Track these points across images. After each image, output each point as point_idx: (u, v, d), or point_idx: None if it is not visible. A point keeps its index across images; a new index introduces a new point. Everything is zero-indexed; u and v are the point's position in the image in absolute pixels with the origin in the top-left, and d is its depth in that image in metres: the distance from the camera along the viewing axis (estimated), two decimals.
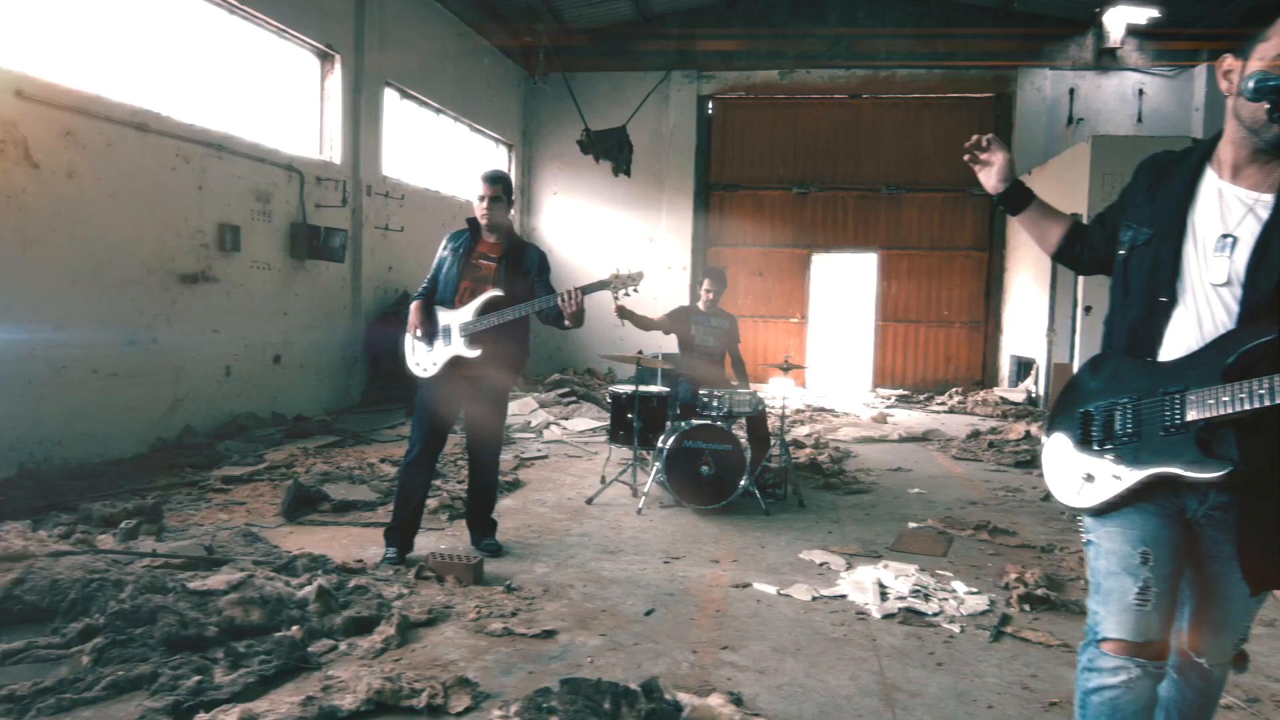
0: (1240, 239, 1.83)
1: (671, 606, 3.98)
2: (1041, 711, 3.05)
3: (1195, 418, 1.81)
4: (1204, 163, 1.95)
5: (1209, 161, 1.94)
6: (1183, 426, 1.83)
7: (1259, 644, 3.73)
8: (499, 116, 13.93)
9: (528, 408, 9.47)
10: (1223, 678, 2.14)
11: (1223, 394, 1.77)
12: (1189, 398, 1.82)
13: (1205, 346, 1.84)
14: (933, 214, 14.30)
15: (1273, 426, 1.77)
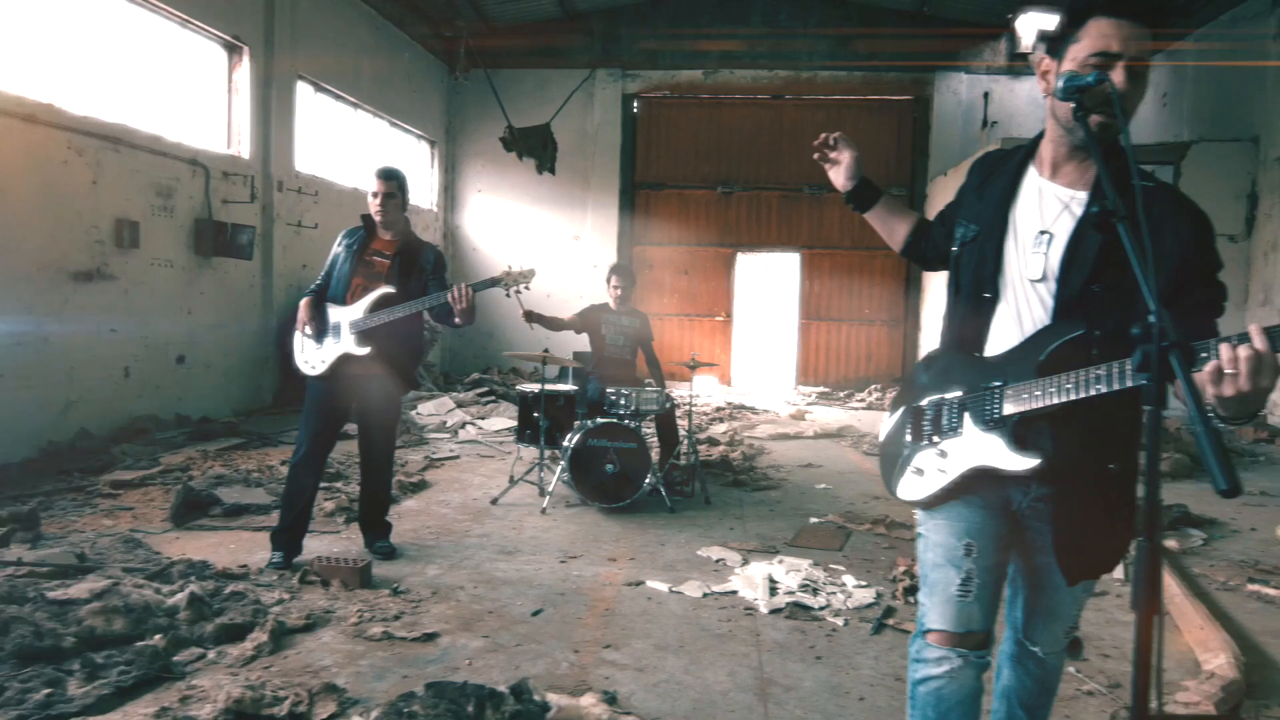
0: (1056, 235, 1.87)
1: (561, 606, 3.95)
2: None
3: (1011, 411, 1.84)
4: (1027, 161, 1.99)
5: (1032, 160, 1.98)
6: (1000, 420, 1.86)
7: (1128, 630, 3.85)
8: (421, 112, 13.73)
9: (444, 407, 9.35)
10: (1058, 665, 2.19)
11: (1035, 388, 1.81)
12: (1006, 392, 1.86)
13: (1024, 342, 1.88)
14: (854, 214, 14.26)
15: (1085, 419, 1.81)
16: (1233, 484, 1.33)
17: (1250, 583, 4.42)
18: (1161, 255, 1.78)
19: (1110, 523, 1.91)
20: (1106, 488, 1.89)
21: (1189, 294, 1.76)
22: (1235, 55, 11.05)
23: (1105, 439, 1.86)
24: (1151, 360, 1.41)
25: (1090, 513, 1.87)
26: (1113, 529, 1.92)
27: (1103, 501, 1.88)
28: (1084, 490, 1.86)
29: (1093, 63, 1.78)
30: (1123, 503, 1.93)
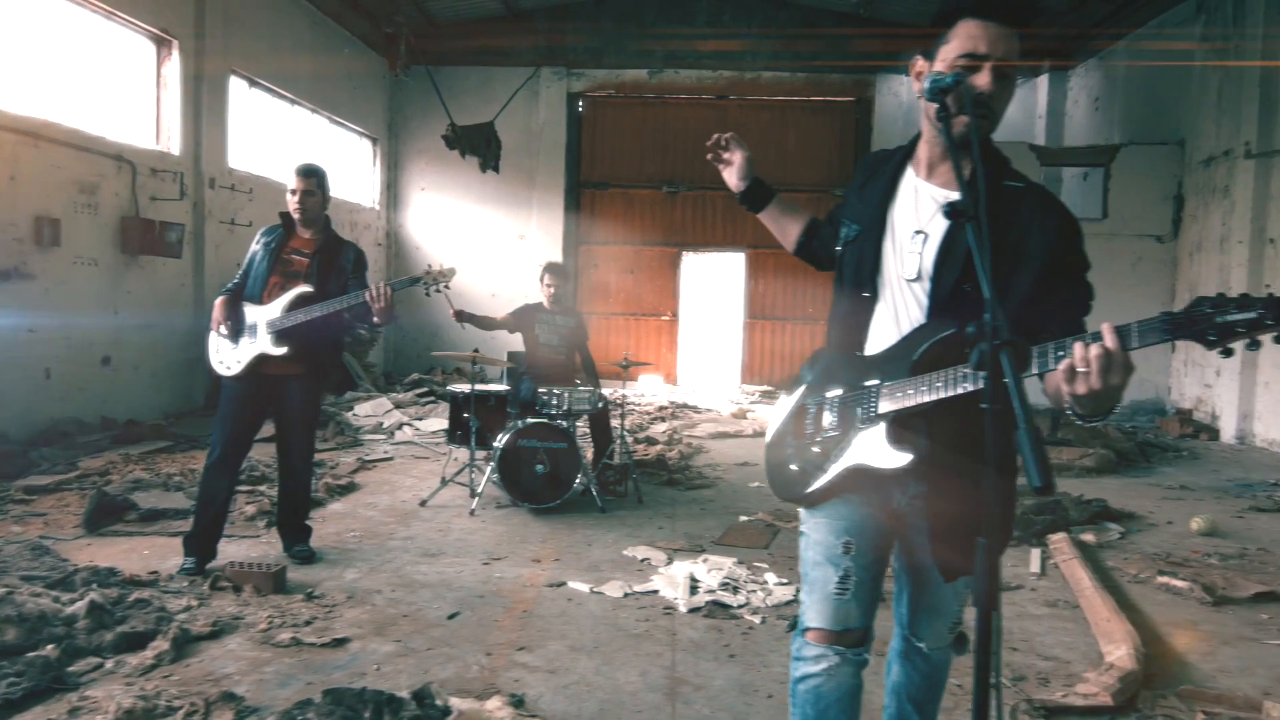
0: (930, 235, 1.89)
1: (479, 609, 3.91)
2: None
3: (886, 410, 1.86)
4: (905, 162, 2.01)
5: (910, 160, 2.00)
6: (876, 419, 1.88)
7: (1038, 624, 3.92)
8: (361, 109, 13.54)
9: (382, 408, 9.23)
10: (945, 660, 2.22)
11: (909, 387, 1.82)
12: (882, 391, 1.87)
13: (900, 341, 1.90)
14: None
15: (960, 417, 1.83)
16: (1046, 482, 1.35)
17: (1160, 575, 4.53)
18: (1028, 255, 1.81)
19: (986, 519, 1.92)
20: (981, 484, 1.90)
21: (1055, 294, 1.79)
22: (1163, 61, 11.35)
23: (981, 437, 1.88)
24: (986, 359, 1.42)
25: (966, 510, 1.89)
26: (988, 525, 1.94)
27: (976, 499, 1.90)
28: (959, 488, 1.88)
29: (960, 63, 1.80)
30: (1000, 499, 1.95)
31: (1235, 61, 9.53)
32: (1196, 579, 4.42)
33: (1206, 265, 10.15)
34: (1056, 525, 5.33)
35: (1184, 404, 10.47)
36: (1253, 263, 9.26)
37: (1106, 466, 7.55)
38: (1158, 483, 7.21)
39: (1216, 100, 10.01)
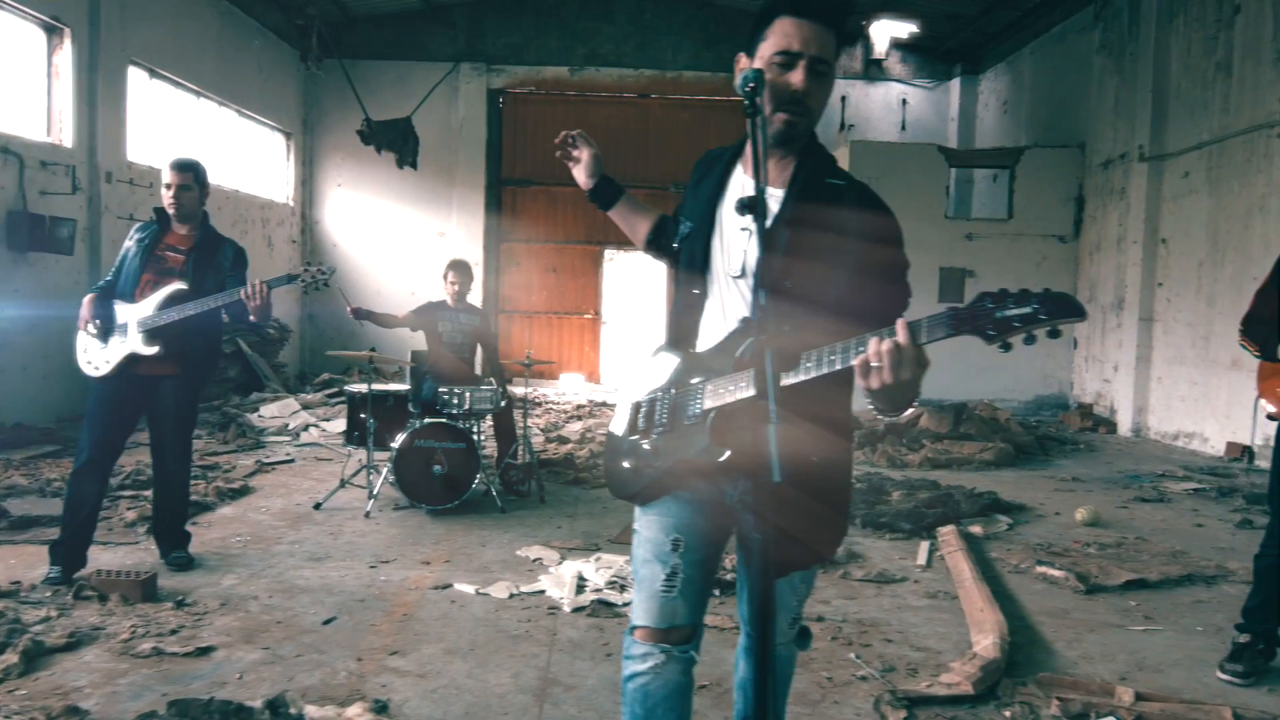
0: (754, 232, 1.89)
1: (357, 613, 3.83)
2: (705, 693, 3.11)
3: (710, 406, 1.86)
4: (735, 159, 2.01)
5: (740, 158, 2.00)
6: (701, 415, 1.87)
7: (916, 615, 4.00)
8: (274, 103, 13.20)
9: (289, 409, 9.01)
10: (789, 656, 2.22)
11: (730, 383, 1.82)
12: (706, 388, 1.87)
13: (725, 337, 1.90)
14: None
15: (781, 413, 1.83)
16: None
17: (1039, 565, 4.66)
18: (845, 252, 1.82)
19: (815, 516, 1.94)
20: (810, 481, 1.91)
21: (871, 292, 1.80)
22: (1064, 66, 11.72)
23: (807, 432, 1.89)
24: (755, 354, 1.42)
25: (793, 506, 1.90)
26: (818, 522, 1.95)
27: (806, 495, 1.91)
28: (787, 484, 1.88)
29: (777, 60, 1.81)
30: (830, 496, 1.97)
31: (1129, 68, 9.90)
32: (1073, 568, 4.56)
33: (1105, 264, 10.51)
34: (947, 518, 5.45)
35: (1085, 399, 10.82)
36: (1146, 262, 9.62)
37: (1005, 460, 7.76)
38: (1052, 475, 7.43)
39: (1113, 105, 10.37)
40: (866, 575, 4.49)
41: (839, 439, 1.98)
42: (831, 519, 2.00)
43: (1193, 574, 4.59)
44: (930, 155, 10.99)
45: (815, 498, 1.94)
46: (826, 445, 1.93)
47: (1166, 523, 5.85)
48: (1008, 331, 1.43)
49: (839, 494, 2.02)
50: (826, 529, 1.99)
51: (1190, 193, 9.08)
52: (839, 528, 2.03)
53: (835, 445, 1.96)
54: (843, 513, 2.04)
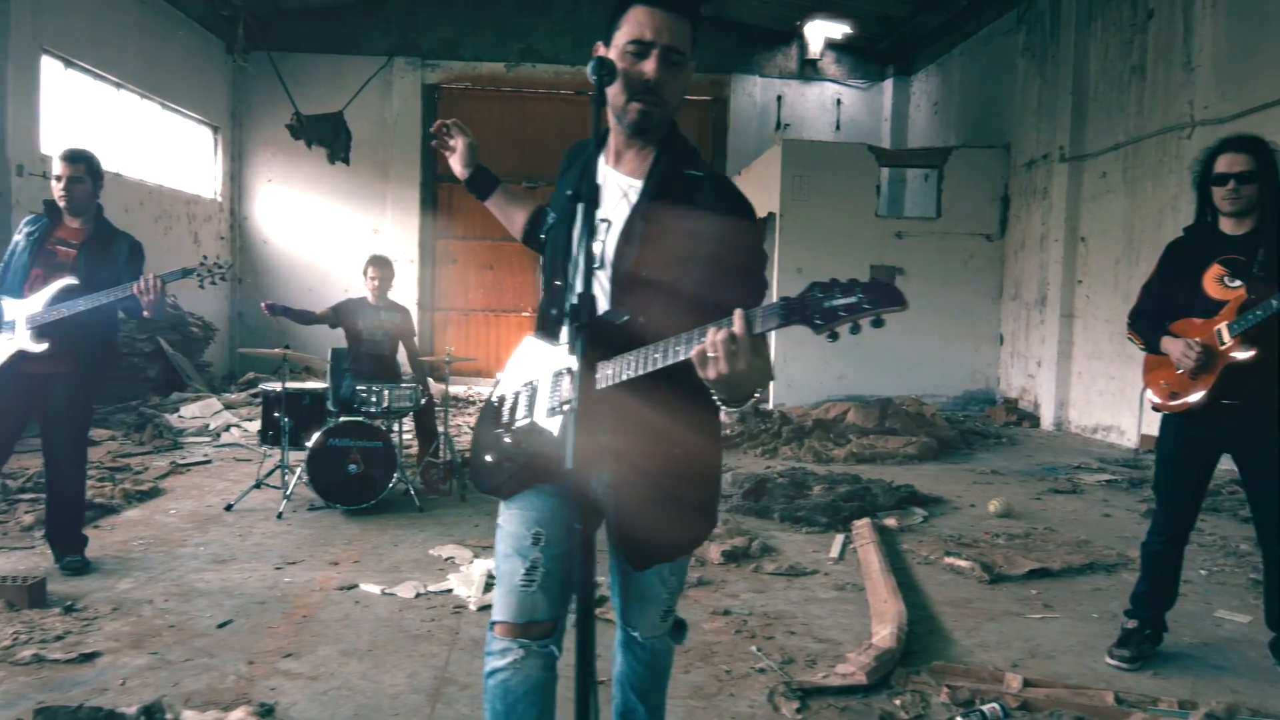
0: (613, 223, 1.88)
1: (255, 616, 3.75)
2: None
3: (567, 398, 1.84)
4: (599, 150, 1.99)
5: (603, 148, 1.99)
6: (558, 407, 1.86)
7: (822, 607, 4.03)
8: (200, 95, 12.88)
9: (211, 409, 8.79)
10: (664, 650, 2.22)
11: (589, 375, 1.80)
12: (564, 380, 1.86)
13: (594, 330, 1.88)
14: None
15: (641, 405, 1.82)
16: None
17: (947, 556, 4.74)
18: (698, 244, 1.81)
19: (678, 508, 1.93)
20: (672, 473, 1.91)
21: (724, 284, 1.79)
22: (991, 68, 11.96)
23: (670, 424, 1.88)
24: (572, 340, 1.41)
25: (654, 498, 1.89)
26: (681, 514, 1.95)
27: (668, 487, 1.90)
28: (646, 475, 1.88)
29: (630, 50, 1.80)
30: (694, 488, 1.97)
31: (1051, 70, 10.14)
32: (979, 558, 4.64)
33: (1029, 262, 10.75)
34: (863, 511, 5.52)
35: (1010, 394, 11.06)
36: (1066, 260, 9.86)
37: (928, 454, 7.89)
38: (973, 468, 7.57)
39: (1036, 107, 10.61)
40: (778, 569, 4.52)
41: (704, 430, 1.97)
42: (696, 511, 1.99)
43: (1094, 563, 4.71)
44: (861, 154, 11.12)
45: (679, 489, 1.94)
46: (690, 436, 1.93)
47: (1077, 513, 5.99)
48: (834, 320, 1.44)
49: (705, 486, 2.01)
50: (691, 520, 1.99)
51: (1107, 192, 9.32)
52: (705, 520, 2.03)
53: (700, 436, 1.96)
54: (709, 504, 2.04)
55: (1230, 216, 3.28)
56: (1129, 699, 3.05)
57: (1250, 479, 3.31)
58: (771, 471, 6.66)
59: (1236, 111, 7.60)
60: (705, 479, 2.02)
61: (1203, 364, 3.19)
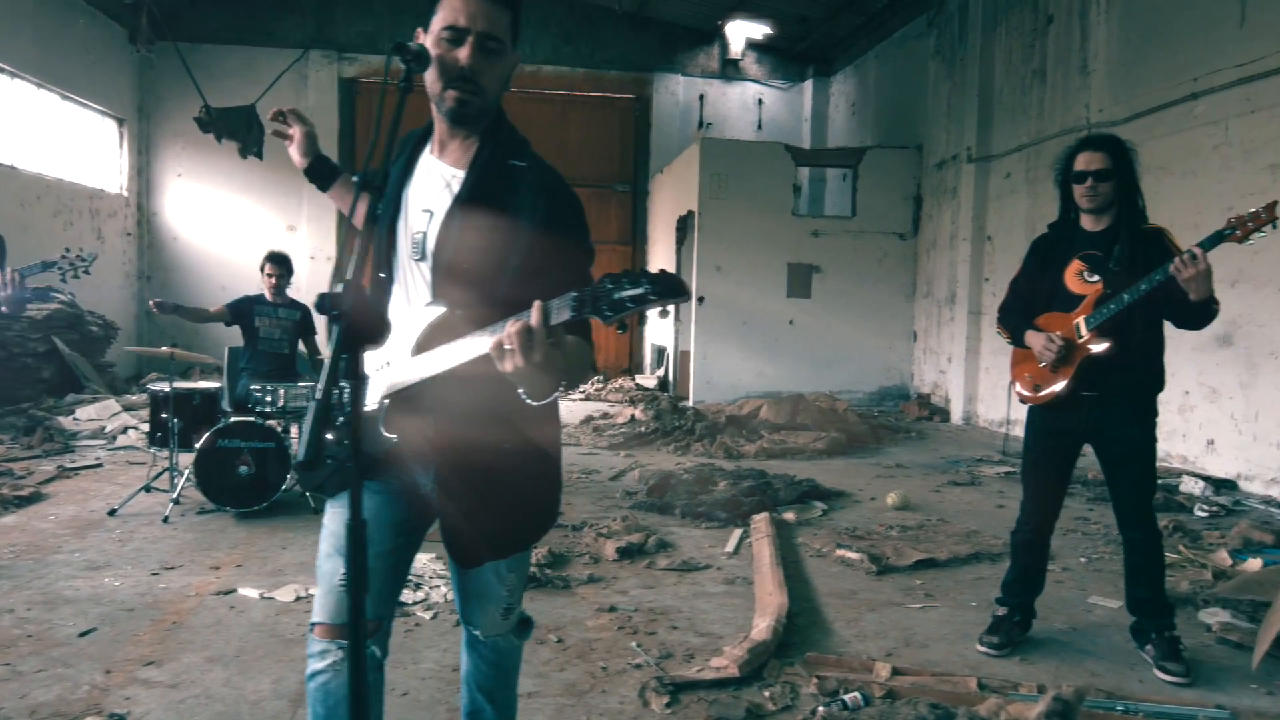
0: (435, 214, 1.85)
1: (122, 624, 3.61)
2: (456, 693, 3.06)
3: (386, 393, 1.80)
4: (426, 140, 1.96)
5: (429, 139, 1.95)
6: (377, 402, 1.82)
7: (709, 601, 4.05)
8: (103, 86, 12.41)
9: (108, 411, 8.48)
10: (509, 648, 2.19)
11: (406, 369, 1.77)
12: (385, 373, 1.82)
13: (406, 322, 1.85)
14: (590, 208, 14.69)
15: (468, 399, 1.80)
16: (306, 458, 1.33)
17: (839, 548, 4.81)
18: (518, 233, 1.79)
19: (509, 504, 1.90)
20: (503, 469, 1.88)
21: (543, 275, 1.77)
22: (904, 71, 12.20)
23: (497, 418, 1.85)
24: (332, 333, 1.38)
25: (482, 494, 1.86)
26: (514, 511, 1.92)
27: (499, 482, 1.88)
28: (474, 472, 1.85)
29: (445, 36, 1.77)
30: (528, 483, 1.94)
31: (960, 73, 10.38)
32: (870, 550, 4.72)
33: (940, 260, 10.99)
34: (763, 505, 5.57)
35: (923, 389, 11.30)
36: (974, 258, 10.10)
37: (837, 449, 8.00)
38: (879, 462, 7.71)
39: (946, 108, 10.84)
40: (670, 564, 4.53)
41: (538, 424, 1.95)
42: (531, 507, 1.97)
43: (980, 552, 4.82)
44: (778, 154, 11.24)
45: (511, 485, 1.91)
46: (521, 431, 1.90)
47: (972, 505, 6.14)
48: (622, 311, 1.42)
49: (539, 481, 1.99)
50: (524, 517, 1.97)
51: (1011, 193, 9.58)
52: (541, 516, 2.01)
53: (533, 430, 1.93)
54: (545, 500, 2.01)
55: (1089, 213, 3.38)
56: (991, 684, 3.12)
57: (1109, 469, 3.42)
58: (679, 468, 6.68)
59: (1128, 114, 7.88)
60: (540, 474, 1.99)
61: (1063, 357, 3.29)
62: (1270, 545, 4.85)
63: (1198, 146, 7.14)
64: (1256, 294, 6.60)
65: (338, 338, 1.35)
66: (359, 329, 1.36)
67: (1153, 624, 3.40)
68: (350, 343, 1.37)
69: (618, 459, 7.58)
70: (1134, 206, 3.36)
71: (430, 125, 1.95)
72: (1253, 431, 6.64)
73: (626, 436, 8.35)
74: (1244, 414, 6.71)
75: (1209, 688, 3.22)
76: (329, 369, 1.35)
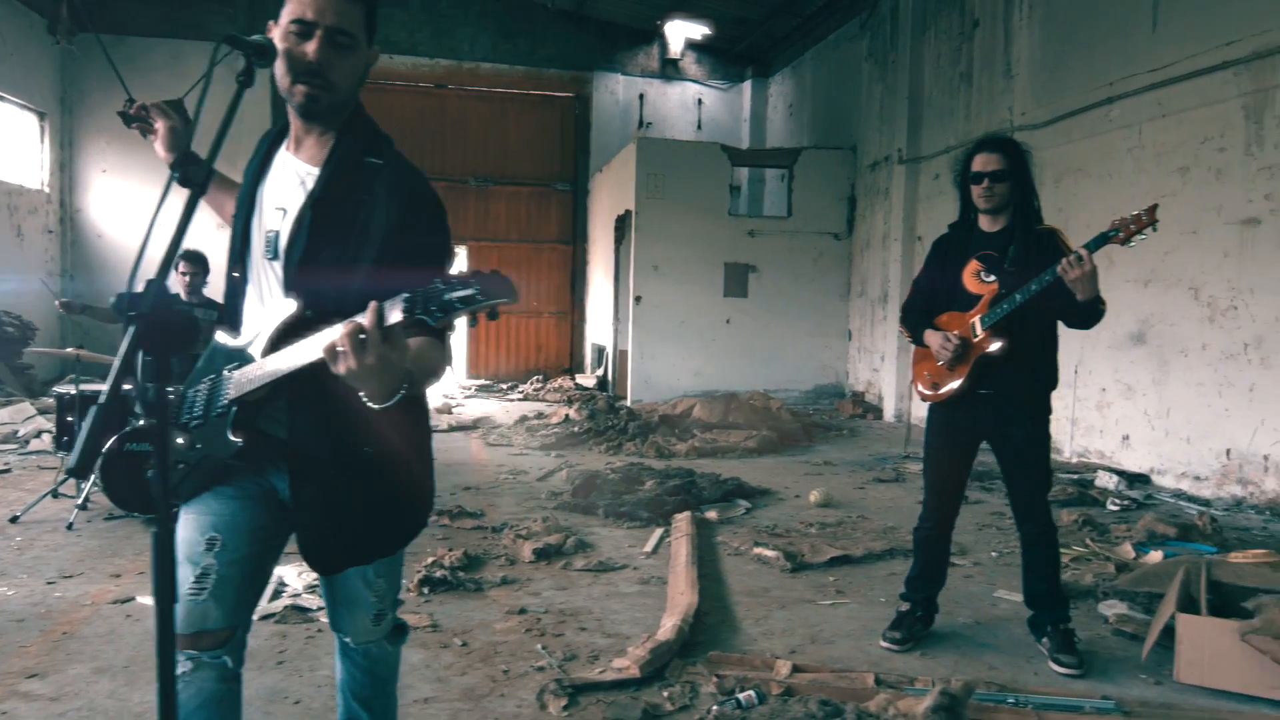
0: (289, 212, 1.81)
1: (9, 635, 3.49)
2: None
3: (235, 396, 1.76)
4: (282, 136, 1.92)
5: (285, 136, 1.91)
6: (227, 407, 1.77)
7: (621, 601, 4.04)
8: (21, 79, 11.99)
9: (22, 414, 8.21)
10: (384, 655, 2.15)
11: (255, 370, 1.73)
12: (232, 376, 1.77)
13: (258, 323, 1.80)
14: (520, 207, 14.65)
15: (324, 402, 1.75)
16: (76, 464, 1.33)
17: (756, 546, 4.83)
18: (371, 232, 1.76)
19: (370, 508, 1.87)
20: (361, 473, 1.84)
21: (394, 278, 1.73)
22: (839, 72, 12.33)
23: (356, 422, 1.81)
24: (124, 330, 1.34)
25: (339, 498, 1.82)
26: (375, 515, 1.89)
27: (356, 487, 1.84)
28: (329, 476, 1.81)
29: (293, 29, 1.74)
30: (390, 487, 1.90)
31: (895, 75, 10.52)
32: (787, 548, 4.75)
33: (873, 260, 11.13)
34: (687, 504, 5.58)
35: (858, 387, 11.44)
36: (905, 258, 10.24)
37: (768, 447, 8.06)
38: (809, 460, 7.78)
39: (879, 110, 10.99)
40: (587, 565, 4.51)
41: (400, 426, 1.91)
42: (394, 510, 1.93)
43: (895, 548, 4.88)
44: (714, 154, 11.29)
45: (371, 489, 1.87)
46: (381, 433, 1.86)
47: (894, 501, 6.22)
48: (452, 312, 1.40)
49: (403, 485, 1.95)
50: (387, 521, 1.93)
51: (940, 194, 9.73)
52: (407, 520, 1.97)
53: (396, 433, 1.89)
54: (410, 504, 1.98)
55: (986, 214, 3.44)
56: (888, 680, 3.16)
57: (1005, 465, 3.48)
58: (608, 468, 6.67)
59: (1049, 117, 8.06)
60: (406, 478, 1.96)
61: (959, 355, 3.34)
62: (1173, 538, 4.99)
63: (1113, 149, 7.33)
64: (1168, 293, 6.80)
65: (131, 339, 1.30)
66: (161, 331, 1.32)
67: (1048, 617, 3.47)
68: (151, 345, 1.32)
69: (548, 459, 7.54)
70: (1029, 207, 3.42)
71: (288, 121, 1.91)
72: (1165, 427, 6.83)
73: (559, 437, 8.32)
74: (1157, 410, 6.91)
75: (1101, 678, 3.30)
76: (116, 371, 1.30)
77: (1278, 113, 5.94)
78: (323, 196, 1.77)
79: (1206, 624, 3.21)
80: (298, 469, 1.80)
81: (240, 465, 1.84)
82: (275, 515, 1.89)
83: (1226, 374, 6.28)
